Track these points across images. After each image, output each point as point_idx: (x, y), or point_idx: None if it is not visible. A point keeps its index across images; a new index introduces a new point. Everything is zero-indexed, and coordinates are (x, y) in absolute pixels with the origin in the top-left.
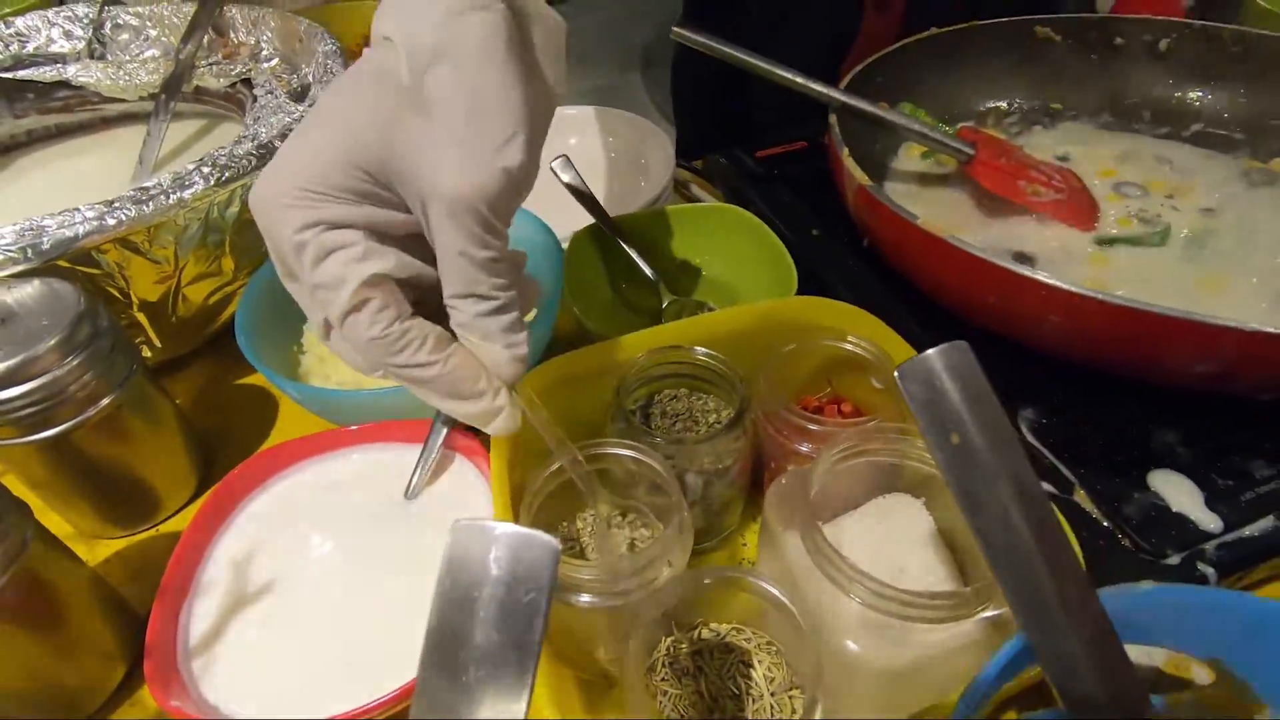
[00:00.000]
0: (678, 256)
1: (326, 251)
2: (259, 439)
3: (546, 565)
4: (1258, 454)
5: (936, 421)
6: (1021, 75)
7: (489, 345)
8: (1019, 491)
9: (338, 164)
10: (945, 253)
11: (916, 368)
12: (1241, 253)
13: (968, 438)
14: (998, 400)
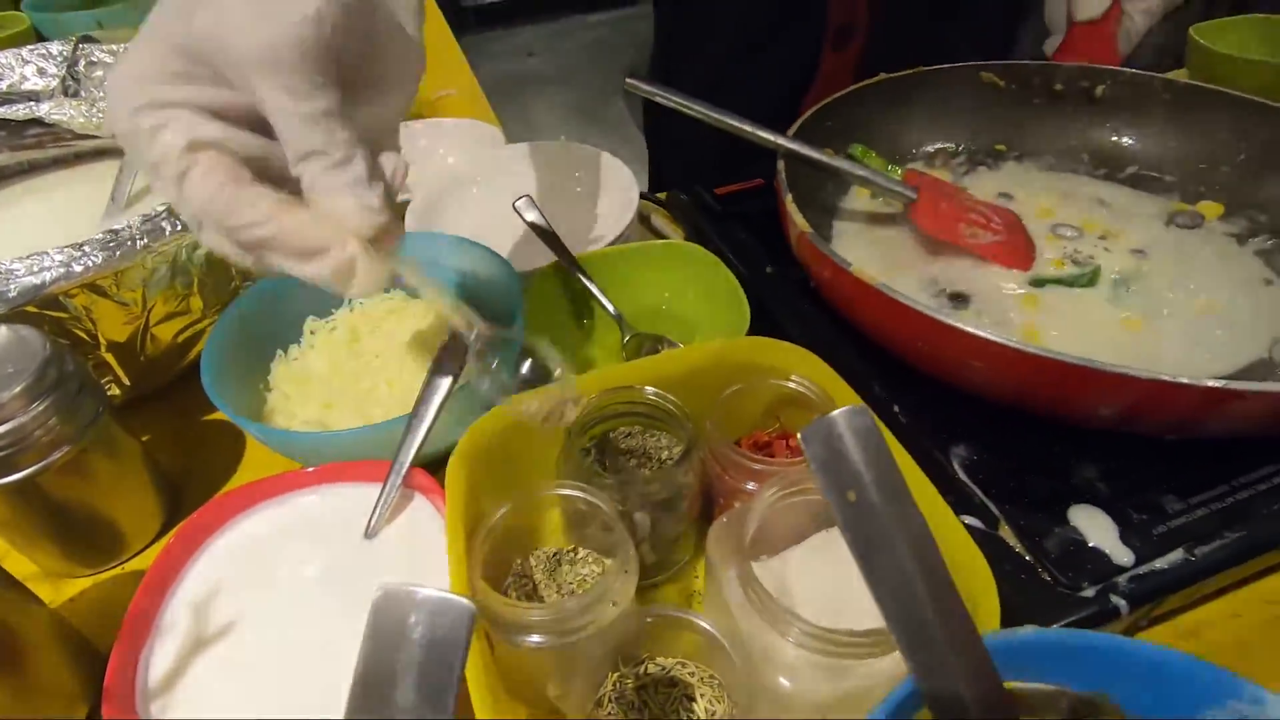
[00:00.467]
0: (639, 292)
1: (159, 127)
2: (226, 475)
3: (462, 628)
4: (1170, 489)
5: (834, 481)
6: (968, 118)
7: (334, 200)
8: (912, 546)
9: (161, 53)
10: (878, 299)
11: (818, 430)
12: (1163, 294)
13: (864, 496)
14: (895, 460)
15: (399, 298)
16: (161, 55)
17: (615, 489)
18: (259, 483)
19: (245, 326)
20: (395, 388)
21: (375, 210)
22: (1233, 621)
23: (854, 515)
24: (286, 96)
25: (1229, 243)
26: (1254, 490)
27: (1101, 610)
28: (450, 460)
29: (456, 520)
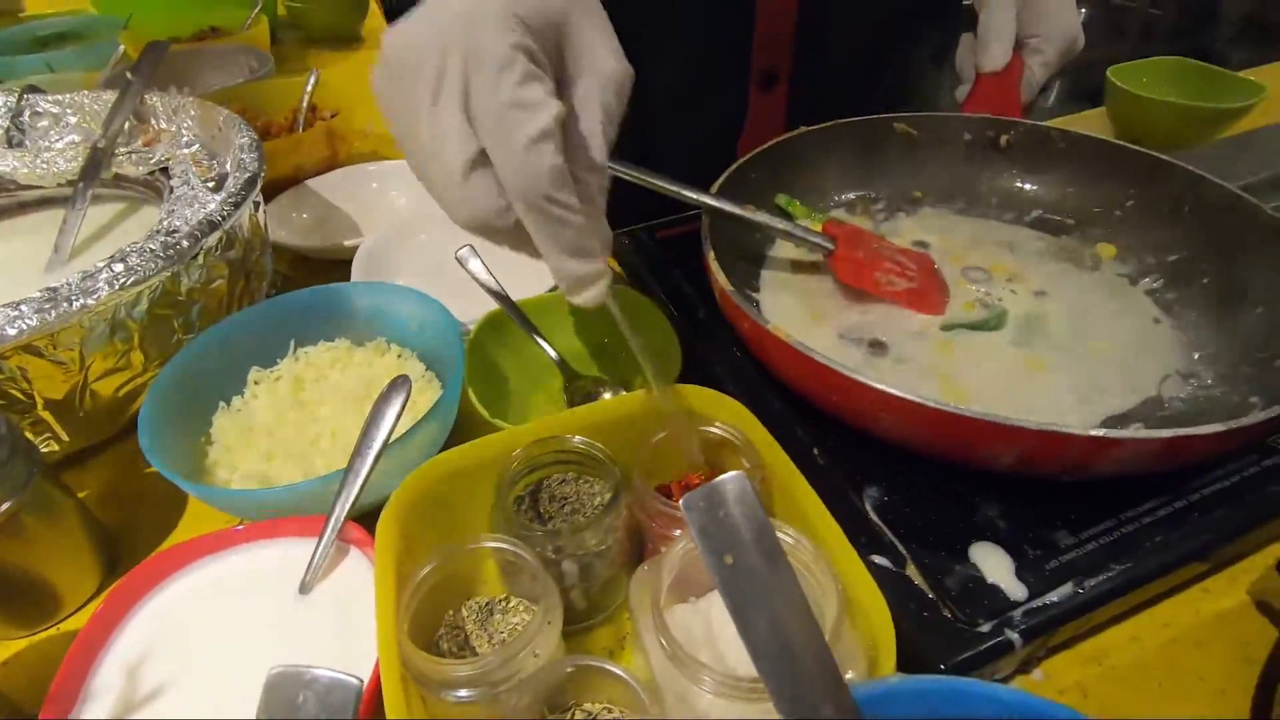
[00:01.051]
0: (580, 336)
1: (531, 76)
2: (166, 531)
3: (349, 706)
4: (1063, 525)
5: (712, 546)
6: (885, 166)
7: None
8: (785, 605)
9: (539, 11)
10: (792, 354)
11: (697, 497)
12: (1063, 335)
13: (741, 559)
14: (770, 525)
15: (343, 346)
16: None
17: (541, 539)
18: (192, 542)
19: (187, 379)
20: (339, 438)
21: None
22: (1133, 645)
23: (730, 577)
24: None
25: (1123, 283)
26: (1139, 524)
27: (996, 645)
28: (381, 515)
29: (386, 577)
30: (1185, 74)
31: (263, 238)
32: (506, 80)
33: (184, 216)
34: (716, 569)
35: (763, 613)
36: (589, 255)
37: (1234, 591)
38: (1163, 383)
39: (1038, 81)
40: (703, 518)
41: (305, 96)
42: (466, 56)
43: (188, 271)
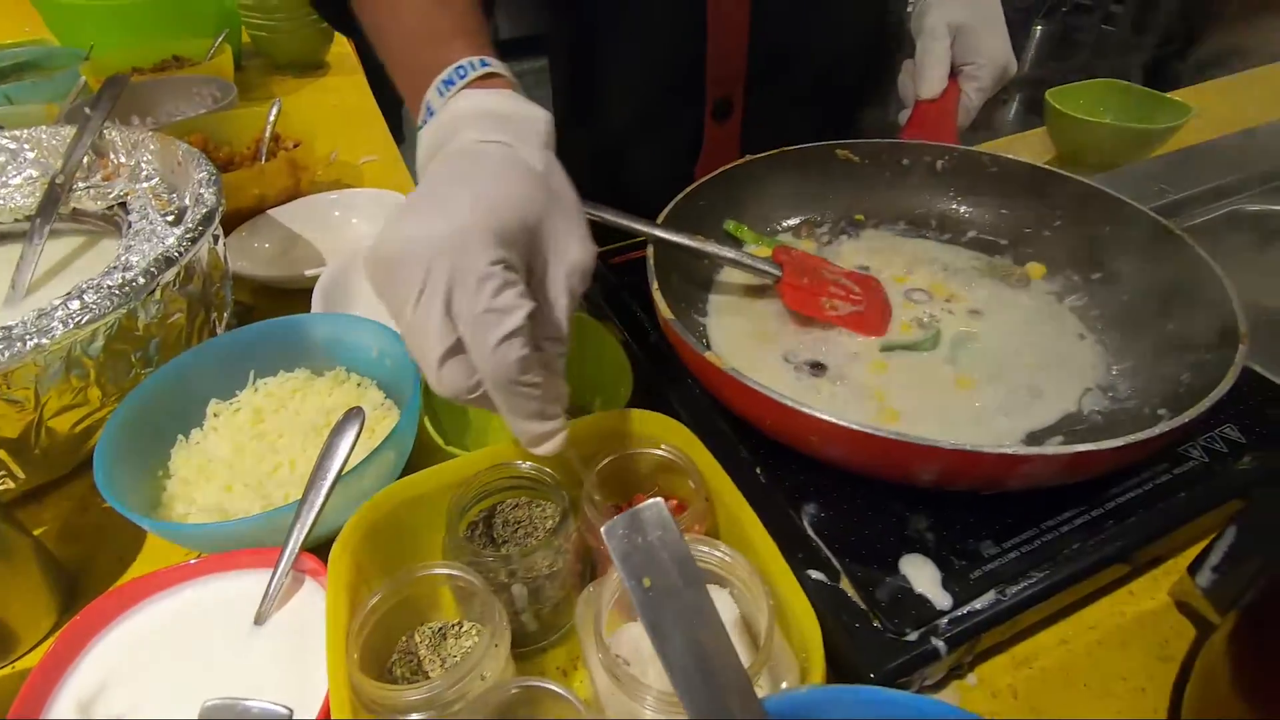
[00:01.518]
0: None
1: (506, 285)
2: (124, 565)
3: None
4: (988, 535)
5: (632, 570)
6: (829, 191)
7: (560, 379)
8: (700, 624)
9: (513, 220)
10: (727, 380)
11: (617, 524)
12: (994, 352)
13: (659, 581)
14: (688, 549)
15: (302, 376)
16: (513, 222)
17: (492, 564)
18: (147, 577)
19: (144, 414)
20: (298, 468)
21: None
22: (1061, 648)
23: (648, 599)
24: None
25: (1051, 301)
26: (1058, 532)
27: (923, 653)
28: (334, 546)
29: (338, 606)
30: (1120, 95)
31: (222, 270)
32: (484, 292)
33: (141, 252)
34: (635, 591)
35: (679, 631)
36: (549, 418)
37: (1156, 593)
38: (1083, 396)
39: (974, 106)
40: (623, 544)
41: (268, 126)
42: (451, 271)
43: (144, 307)
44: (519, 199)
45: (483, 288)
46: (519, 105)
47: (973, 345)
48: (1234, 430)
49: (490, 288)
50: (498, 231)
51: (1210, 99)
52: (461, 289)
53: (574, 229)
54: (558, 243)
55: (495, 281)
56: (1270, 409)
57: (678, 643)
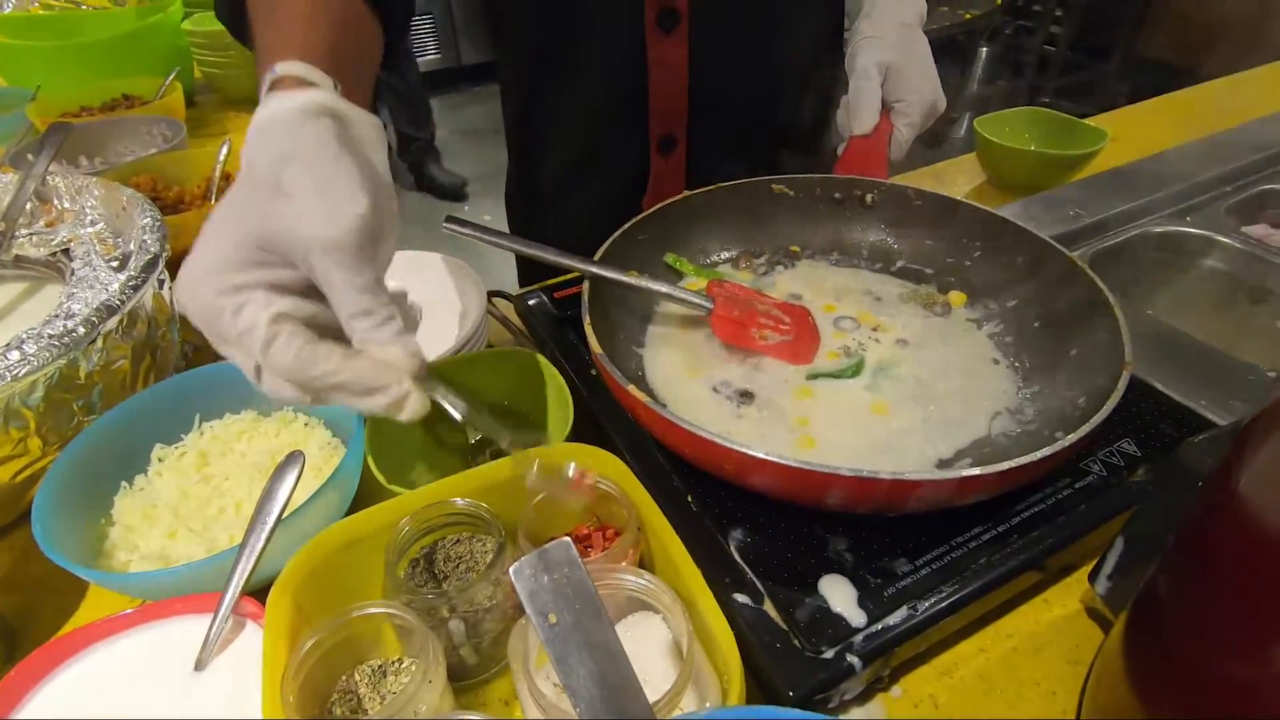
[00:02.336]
0: (483, 395)
1: (241, 305)
2: (66, 615)
3: None
4: (902, 554)
5: (539, 607)
6: (764, 224)
7: (386, 349)
8: (604, 656)
9: (235, 245)
10: (650, 413)
11: (524, 565)
12: (913, 379)
13: (563, 617)
14: (591, 585)
15: (249, 418)
16: (236, 245)
17: (431, 600)
18: (86, 628)
19: (87, 462)
20: (243, 510)
21: (416, 352)
22: (980, 656)
23: (553, 634)
24: (343, 273)
25: (970, 328)
26: (966, 548)
27: (839, 669)
28: (272, 589)
29: (275, 648)
30: (1043, 122)
31: (168, 314)
32: (227, 322)
33: (84, 299)
34: (541, 628)
35: (583, 663)
36: (381, 391)
37: (1069, 600)
38: (994, 419)
39: (905, 140)
40: (529, 583)
41: (218, 166)
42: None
43: (86, 356)
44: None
45: (226, 317)
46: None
47: (894, 372)
48: (1131, 444)
49: (228, 314)
50: (226, 261)
51: (1128, 123)
52: (216, 324)
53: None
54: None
55: (229, 307)
56: (1163, 423)
57: (582, 674)
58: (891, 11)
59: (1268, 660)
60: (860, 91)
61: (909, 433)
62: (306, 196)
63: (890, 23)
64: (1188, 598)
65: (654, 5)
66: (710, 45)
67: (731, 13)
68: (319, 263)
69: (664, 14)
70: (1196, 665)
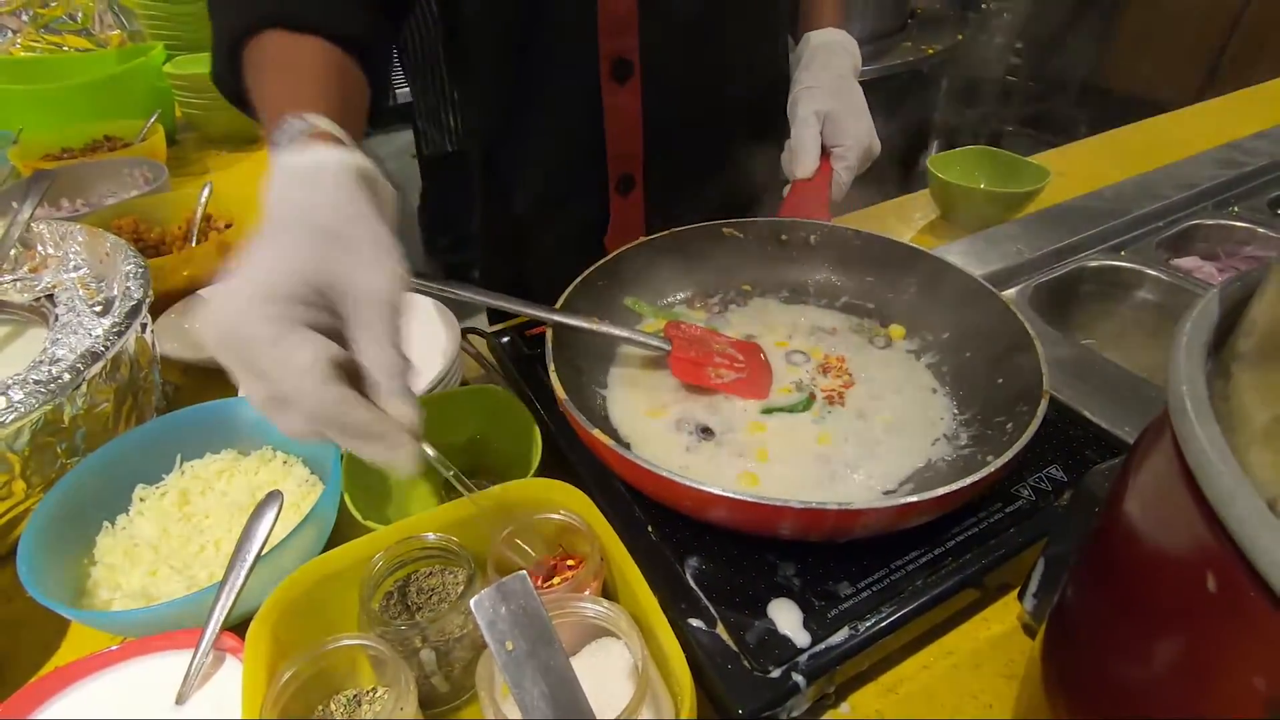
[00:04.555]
0: (455, 431)
1: (278, 337)
2: (48, 654)
3: None
4: (845, 577)
5: (497, 635)
6: (717, 265)
7: (399, 406)
8: (555, 678)
9: (284, 279)
10: (609, 452)
11: (485, 598)
12: (856, 411)
13: (519, 644)
14: (545, 615)
15: (229, 457)
16: (285, 280)
17: (405, 632)
18: (69, 666)
19: (70, 504)
20: (223, 547)
21: (418, 411)
22: (923, 673)
23: (509, 660)
24: (385, 326)
25: (910, 359)
26: (904, 571)
27: (785, 687)
28: (251, 624)
29: (255, 680)
30: (991, 160)
31: (150, 356)
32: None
33: (68, 345)
34: (499, 654)
35: (536, 684)
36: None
37: (1007, 618)
38: (933, 445)
39: (845, 182)
40: (489, 614)
41: (199, 208)
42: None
43: (71, 401)
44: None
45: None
46: (319, 157)
47: (841, 405)
48: (1058, 470)
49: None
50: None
51: (1075, 159)
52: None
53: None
54: (357, 280)
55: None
56: (1088, 449)
57: (535, 695)
58: (828, 64)
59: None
60: (801, 138)
61: (855, 463)
62: (366, 250)
63: (827, 74)
64: (1088, 609)
65: (608, 58)
66: (663, 93)
67: (682, 64)
68: (367, 313)
69: (617, 65)
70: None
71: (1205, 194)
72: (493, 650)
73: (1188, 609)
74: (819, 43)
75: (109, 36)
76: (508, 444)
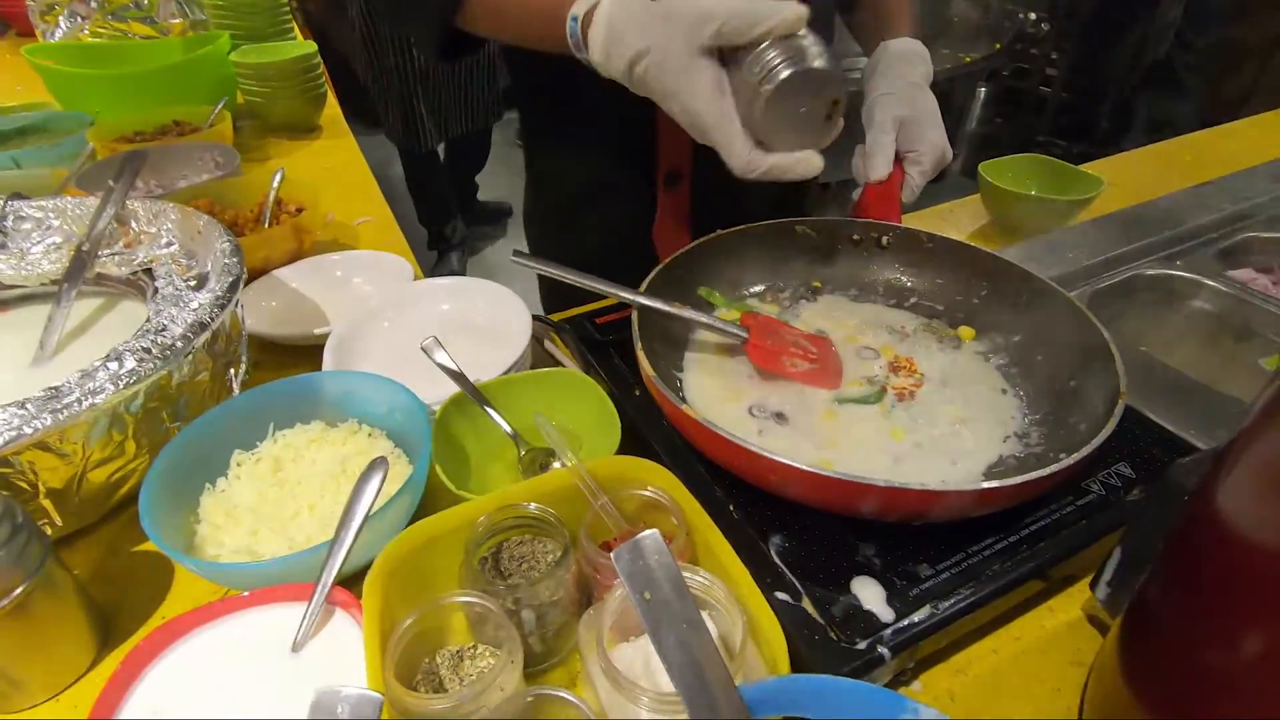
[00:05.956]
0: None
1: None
2: (155, 605)
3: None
4: (925, 559)
5: (637, 584)
6: (790, 261)
7: None
8: (689, 627)
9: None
10: (701, 429)
11: (623, 550)
12: (929, 407)
13: (656, 595)
14: (679, 568)
15: (318, 428)
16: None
17: (503, 593)
18: (190, 614)
19: (178, 466)
20: (316, 512)
21: None
22: (991, 656)
23: (648, 608)
24: None
25: (979, 360)
26: (981, 556)
27: (870, 659)
28: (366, 579)
29: (373, 631)
30: (1044, 168)
31: (240, 330)
32: None
33: (170, 316)
34: (639, 602)
35: (672, 633)
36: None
37: (1072, 608)
38: (1004, 442)
39: (917, 186)
40: (628, 565)
41: (272, 192)
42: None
43: (179, 369)
44: None
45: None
46: None
47: (912, 400)
48: (1127, 467)
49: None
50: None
51: (1121, 169)
52: None
53: None
54: None
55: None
56: (1155, 449)
57: (672, 642)
58: (904, 72)
59: (1241, 653)
60: (876, 143)
61: (927, 456)
62: None
63: (903, 81)
64: (1174, 602)
65: None
66: None
67: None
68: None
69: None
70: (1182, 663)
71: (1260, 208)
72: (633, 599)
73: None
74: (896, 51)
75: (172, 24)
76: (583, 427)
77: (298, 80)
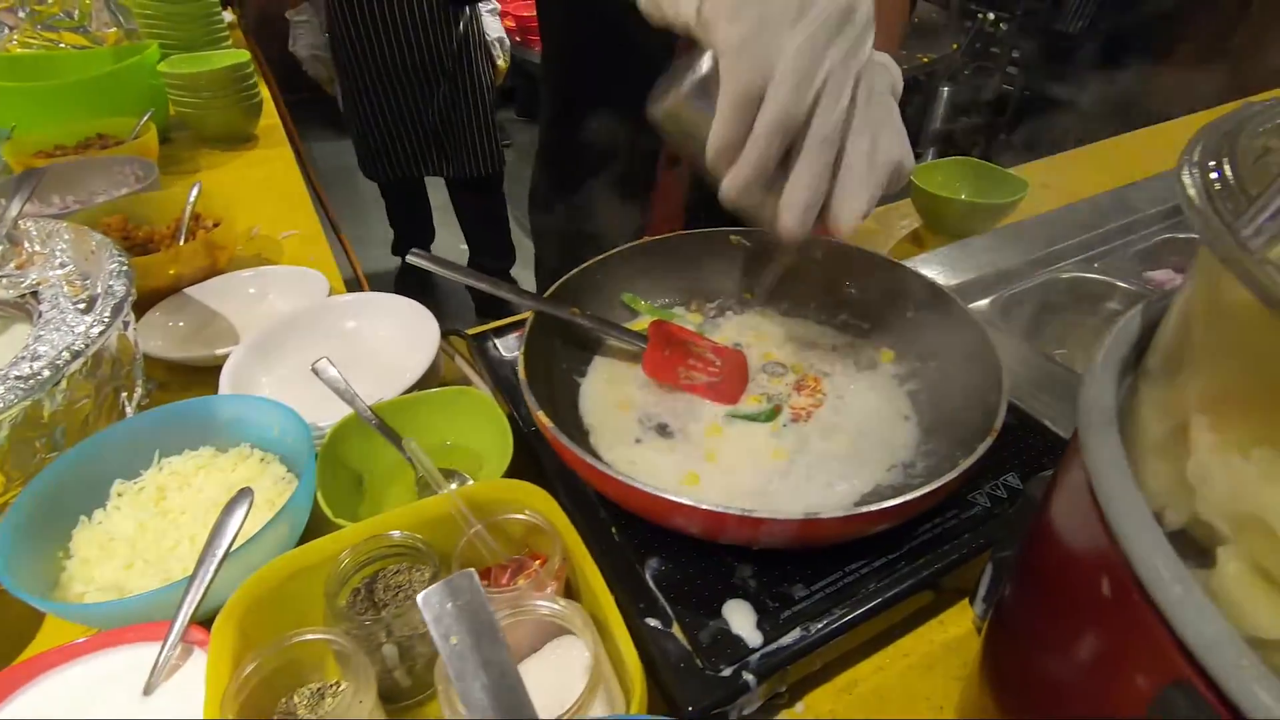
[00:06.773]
0: (431, 432)
1: None
2: (21, 646)
3: None
4: (800, 580)
5: (442, 630)
6: (721, 272)
7: None
8: (496, 674)
9: None
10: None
11: (432, 593)
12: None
13: (463, 638)
14: (489, 610)
15: (207, 454)
16: None
17: (370, 625)
18: (39, 656)
19: (47, 498)
20: (197, 543)
21: None
22: (878, 674)
23: (453, 653)
24: None
25: (893, 384)
26: (858, 574)
27: (735, 686)
28: (218, 617)
29: (218, 672)
30: (973, 171)
31: (132, 354)
32: None
33: (50, 342)
34: (443, 648)
35: (478, 680)
36: None
37: (963, 621)
38: (888, 471)
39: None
40: (435, 609)
41: (188, 207)
42: None
43: (50, 397)
44: None
45: None
46: None
47: (804, 421)
48: (1014, 478)
49: None
50: None
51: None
52: None
53: None
54: None
55: None
56: (1045, 457)
57: (476, 689)
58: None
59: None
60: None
61: (802, 478)
62: None
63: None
64: (1017, 609)
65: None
66: None
67: None
68: None
69: None
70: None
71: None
72: (437, 644)
73: (1089, 611)
74: None
75: (105, 34)
76: (482, 445)
77: (230, 90)
